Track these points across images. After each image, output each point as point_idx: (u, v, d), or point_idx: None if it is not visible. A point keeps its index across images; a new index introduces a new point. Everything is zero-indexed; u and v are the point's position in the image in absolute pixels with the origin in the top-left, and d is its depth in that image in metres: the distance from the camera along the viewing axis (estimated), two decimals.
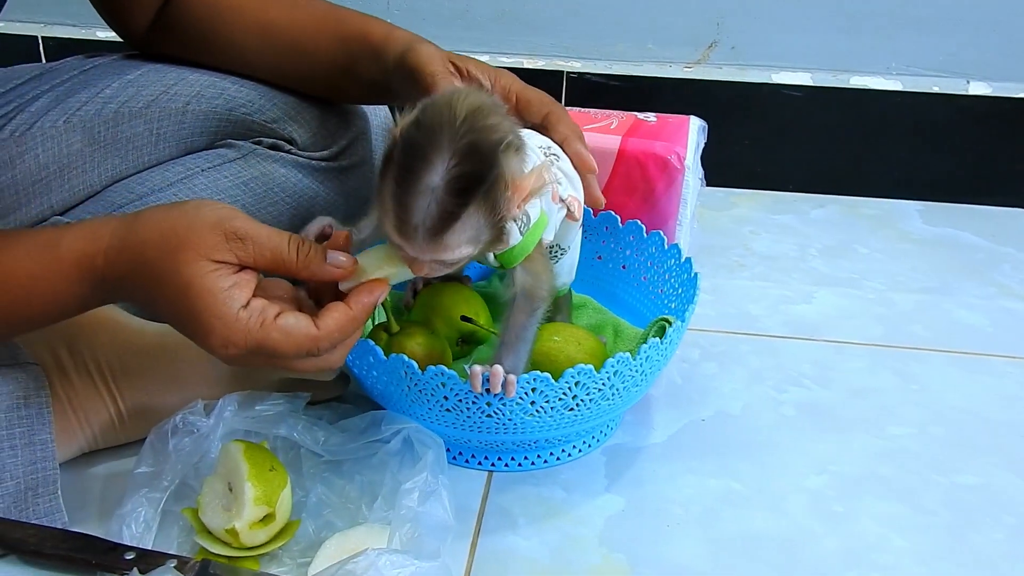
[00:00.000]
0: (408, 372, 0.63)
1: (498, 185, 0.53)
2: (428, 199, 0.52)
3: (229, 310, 0.54)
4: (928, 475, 0.71)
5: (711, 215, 1.11)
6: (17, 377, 0.63)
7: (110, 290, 0.57)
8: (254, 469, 0.61)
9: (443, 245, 0.53)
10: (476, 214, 0.53)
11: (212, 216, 0.55)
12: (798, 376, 0.82)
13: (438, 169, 0.52)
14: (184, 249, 0.54)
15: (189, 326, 0.55)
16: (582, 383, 0.62)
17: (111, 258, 0.56)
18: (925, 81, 1.12)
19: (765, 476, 0.70)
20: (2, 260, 0.57)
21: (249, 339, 0.54)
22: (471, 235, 0.54)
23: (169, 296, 0.55)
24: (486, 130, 0.53)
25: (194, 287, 0.54)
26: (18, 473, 0.62)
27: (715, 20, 1.13)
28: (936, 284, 0.98)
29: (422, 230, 0.53)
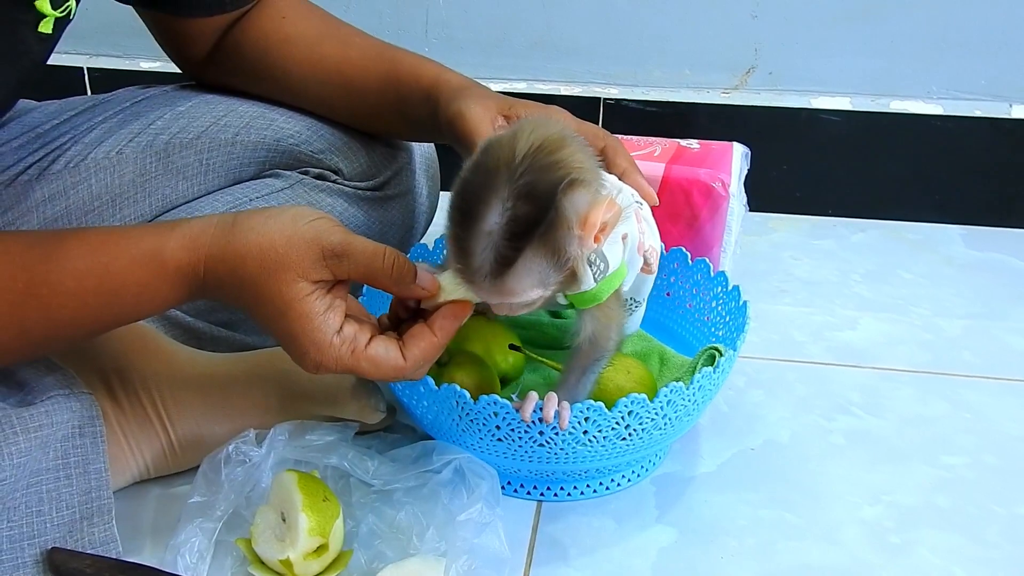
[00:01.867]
0: (460, 402, 0.63)
1: (558, 226, 0.52)
2: (485, 243, 0.51)
3: (324, 336, 0.56)
4: (987, 505, 0.69)
5: (750, 240, 1.11)
6: (72, 407, 0.64)
7: (210, 293, 0.59)
8: (308, 499, 0.61)
9: (507, 289, 0.53)
10: (536, 258, 0.52)
11: (310, 232, 0.56)
12: (846, 404, 0.81)
13: (495, 212, 0.51)
14: (282, 269, 0.56)
15: (284, 343, 0.58)
16: (635, 412, 0.62)
17: (211, 266, 0.58)
18: (966, 105, 1.11)
19: (819, 506, 0.69)
20: (114, 269, 0.59)
21: (340, 365, 0.57)
22: (536, 279, 0.53)
23: (268, 313, 0.57)
24: (546, 168, 0.52)
25: (292, 311, 0.56)
26: (73, 502, 0.63)
27: (753, 46, 1.13)
28: (982, 309, 0.97)
29: (483, 274, 0.53)
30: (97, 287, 0.58)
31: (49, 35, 0.65)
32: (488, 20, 1.16)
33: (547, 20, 1.15)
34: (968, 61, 1.10)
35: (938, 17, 1.08)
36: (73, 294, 0.58)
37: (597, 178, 0.56)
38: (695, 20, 1.12)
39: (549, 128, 0.54)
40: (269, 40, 0.81)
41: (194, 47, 0.83)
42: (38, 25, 0.63)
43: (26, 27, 0.63)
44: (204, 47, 0.83)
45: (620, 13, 1.13)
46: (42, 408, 0.63)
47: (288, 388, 0.73)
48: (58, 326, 0.59)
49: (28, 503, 0.62)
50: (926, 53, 1.10)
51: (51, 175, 0.77)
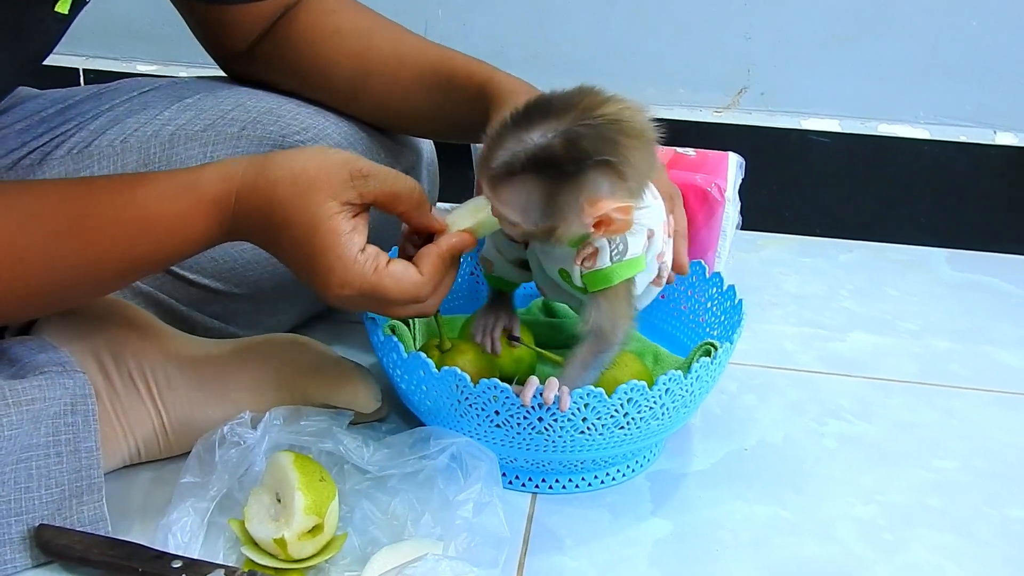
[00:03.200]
0: (460, 385, 0.62)
1: (567, 184, 0.54)
2: (512, 147, 0.54)
3: (349, 252, 0.58)
4: (979, 507, 0.70)
5: (740, 256, 1.12)
6: (65, 384, 0.63)
7: (235, 228, 0.60)
8: (304, 478, 0.61)
9: (497, 192, 0.56)
10: (532, 188, 0.55)
11: (339, 156, 0.60)
12: (838, 410, 0.82)
13: (539, 132, 0.54)
14: (314, 190, 0.58)
15: (309, 264, 0.59)
16: (634, 400, 0.62)
17: (242, 197, 0.59)
18: (952, 130, 1.14)
19: (812, 504, 0.70)
20: (150, 200, 0.59)
21: (364, 283, 0.58)
22: (522, 202, 0.56)
23: (296, 235, 0.58)
24: (603, 139, 0.54)
25: (321, 227, 0.57)
26: (63, 480, 0.62)
27: (746, 66, 1.15)
28: (969, 326, 0.98)
29: (493, 167, 0.56)
30: (133, 217, 0.59)
31: (65, 16, 0.65)
32: (485, 35, 1.18)
33: (543, 36, 1.17)
34: (955, 88, 1.13)
35: (927, 44, 1.11)
36: (109, 224, 0.59)
37: (638, 182, 0.57)
38: (689, 39, 1.15)
39: (638, 117, 0.56)
40: (317, 31, 0.82)
41: (234, 39, 0.83)
42: (56, 4, 0.64)
43: (46, 7, 0.63)
44: (245, 39, 0.83)
45: (615, 30, 1.16)
46: (35, 382, 0.62)
47: (283, 373, 0.72)
48: (90, 261, 0.59)
49: (17, 479, 0.61)
50: (914, 78, 1.13)
51: (53, 160, 0.77)
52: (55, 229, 0.58)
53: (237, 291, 0.80)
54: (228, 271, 0.79)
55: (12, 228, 0.57)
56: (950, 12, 1.09)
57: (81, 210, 0.59)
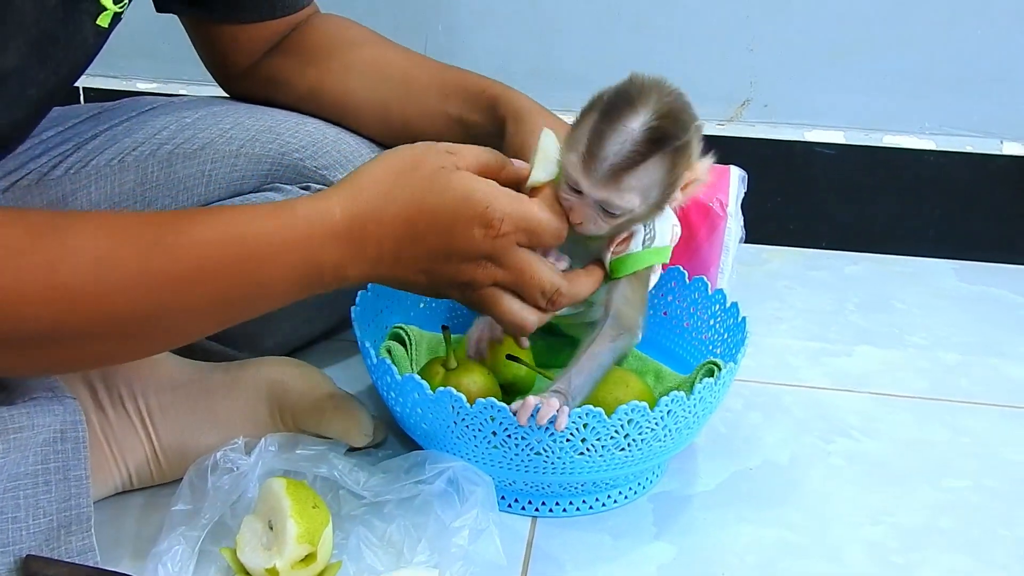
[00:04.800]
0: (456, 406, 0.61)
1: (684, 152, 0.58)
2: (623, 138, 0.56)
3: (490, 184, 0.58)
4: (992, 528, 0.68)
5: (744, 270, 1.10)
6: (54, 410, 0.62)
7: (348, 240, 0.57)
8: (297, 505, 0.59)
9: (619, 185, 0.57)
10: (657, 167, 0.57)
11: (420, 144, 0.60)
12: (844, 427, 0.80)
13: (640, 117, 0.56)
14: (420, 165, 0.57)
15: (457, 213, 0.57)
16: (635, 421, 0.61)
17: (346, 204, 0.57)
18: (958, 141, 1.12)
19: (820, 526, 0.68)
20: (248, 229, 0.55)
21: (514, 208, 0.57)
22: (645, 185, 0.57)
23: (429, 200, 0.57)
24: (684, 109, 0.59)
25: (453, 183, 0.57)
26: (51, 510, 0.60)
27: (748, 79, 1.14)
28: (978, 339, 0.96)
29: (607, 164, 0.56)
30: (233, 239, 0.55)
31: (105, 30, 0.65)
32: (487, 49, 1.17)
33: (546, 50, 1.16)
34: (960, 98, 1.11)
35: (931, 54, 1.10)
36: (203, 244, 0.54)
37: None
38: (692, 51, 1.14)
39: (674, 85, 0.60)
40: (333, 43, 0.82)
41: (241, 56, 0.82)
42: (97, 17, 0.64)
43: (88, 17, 0.63)
44: (252, 56, 0.82)
45: (618, 43, 1.15)
46: (23, 409, 0.60)
47: (275, 400, 0.71)
48: (184, 283, 0.54)
49: (4, 509, 0.59)
50: (919, 89, 1.12)
51: (50, 181, 0.76)
52: (146, 244, 0.54)
53: None
54: None
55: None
56: (954, 22, 1.08)
57: (170, 225, 0.55)
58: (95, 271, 0.52)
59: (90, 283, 0.52)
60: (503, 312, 0.60)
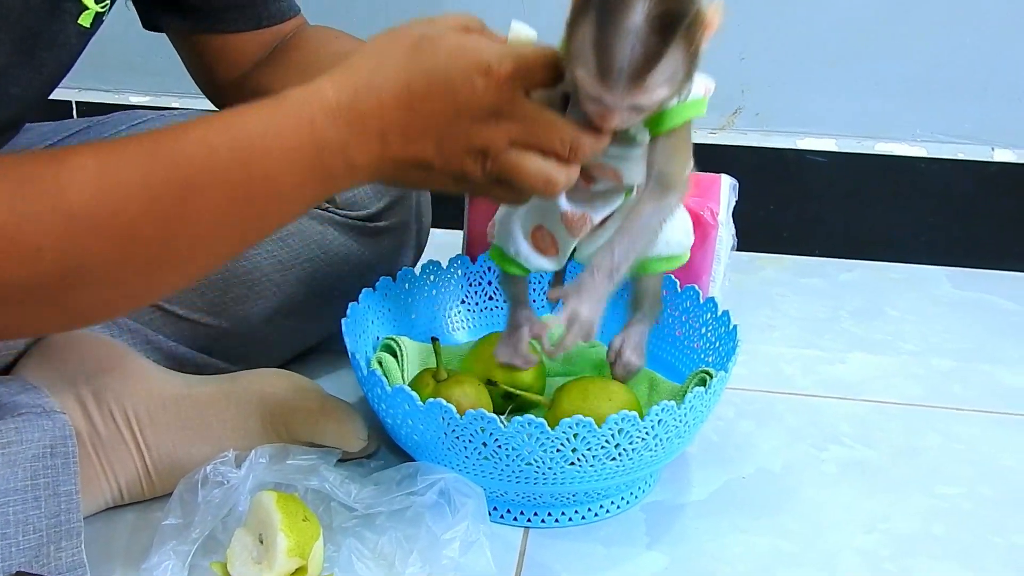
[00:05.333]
0: (446, 417, 0.61)
1: (695, 23, 0.51)
2: (630, 41, 0.50)
3: (479, 37, 0.56)
4: (985, 535, 0.68)
5: (738, 278, 1.10)
6: (44, 425, 0.62)
7: (346, 115, 0.54)
8: (287, 519, 0.59)
9: (644, 87, 0.51)
10: (677, 51, 0.51)
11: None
12: (837, 435, 0.80)
13: (638, 10, 0.50)
14: (404, 36, 0.55)
15: (453, 67, 0.54)
16: (625, 431, 0.61)
17: (337, 81, 0.54)
18: (950, 148, 1.13)
19: (813, 534, 0.68)
20: (243, 123, 0.53)
21: (508, 50, 0.54)
22: (670, 74, 0.52)
23: (422, 61, 0.54)
24: None
25: (441, 38, 0.54)
26: (41, 525, 0.60)
27: (740, 87, 1.15)
28: (971, 346, 0.96)
29: (624, 73, 0.51)
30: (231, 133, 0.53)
31: (87, 30, 0.65)
32: None
33: None
34: (951, 105, 1.12)
35: (922, 62, 1.10)
36: (198, 144, 0.52)
37: None
38: None
39: None
40: (322, 53, 0.80)
41: (229, 68, 0.82)
42: (79, 17, 0.63)
43: (69, 17, 0.63)
44: (240, 68, 0.82)
45: None
46: (12, 425, 0.60)
47: (267, 411, 0.71)
48: (188, 188, 0.51)
49: None
50: (910, 97, 1.12)
51: None
52: (148, 147, 0.52)
53: (226, 325, 0.79)
54: (216, 305, 0.78)
55: None
56: (945, 30, 1.08)
57: (171, 133, 0.52)
58: (100, 191, 0.50)
59: (97, 204, 0.50)
60: (528, 173, 0.56)
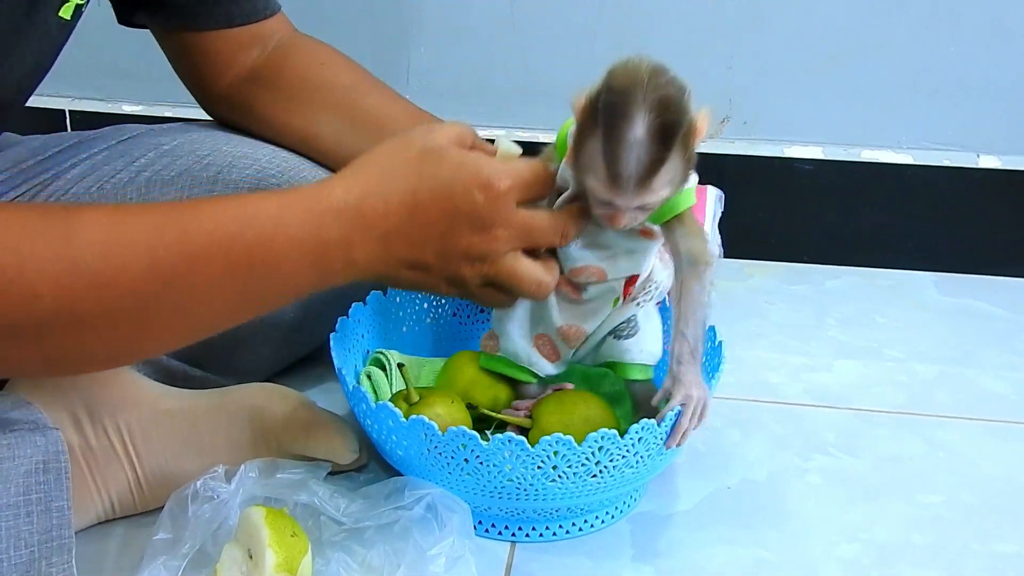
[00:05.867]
0: (428, 434, 0.62)
1: (692, 128, 0.58)
2: (636, 150, 0.56)
3: (478, 153, 0.61)
4: (966, 543, 0.69)
5: (727, 285, 1.12)
6: (36, 441, 0.62)
7: (351, 215, 0.57)
8: (275, 534, 0.60)
9: (650, 188, 0.58)
10: (676, 157, 0.58)
11: (408, 130, 0.63)
12: (822, 444, 0.81)
13: (639, 123, 0.56)
14: (411, 145, 0.60)
15: (455, 180, 0.59)
16: (606, 448, 0.61)
17: (346, 183, 0.58)
18: (936, 155, 1.14)
19: (796, 545, 0.69)
20: (253, 210, 0.57)
21: (506, 167, 0.60)
22: (671, 176, 0.58)
23: (428, 172, 0.59)
24: (668, 84, 0.58)
25: (445, 151, 0.60)
26: (32, 541, 0.61)
27: (727, 96, 1.15)
28: (957, 353, 0.97)
29: (632, 179, 0.57)
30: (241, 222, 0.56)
31: (67, 22, 0.66)
32: (469, 67, 1.18)
33: (527, 68, 1.17)
34: (937, 112, 1.13)
35: (907, 70, 1.11)
36: (209, 221, 0.55)
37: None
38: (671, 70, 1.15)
39: (645, 59, 0.60)
40: (307, 83, 0.82)
41: (213, 72, 0.83)
42: (60, 9, 0.64)
43: (50, 9, 0.64)
44: (223, 73, 0.83)
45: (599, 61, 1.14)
46: (4, 441, 0.61)
47: (259, 425, 0.72)
48: (193, 261, 0.54)
49: None
50: (896, 104, 1.13)
51: None
52: (157, 219, 0.55)
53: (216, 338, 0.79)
54: None
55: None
56: (928, 38, 1.09)
57: (179, 211, 0.56)
58: (106, 246, 0.52)
59: (102, 259, 0.52)
60: (521, 276, 0.62)
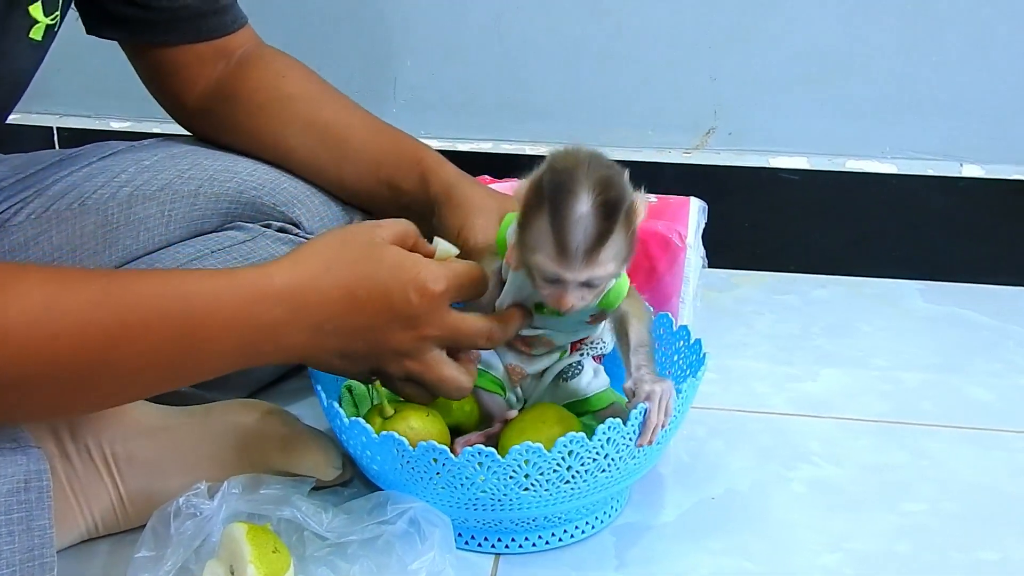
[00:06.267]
0: (400, 450, 0.62)
1: (633, 207, 0.61)
2: (582, 225, 0.59)
3: (417, 255, 0.62)
4: (947, 552, 0.69)
5: (713, 296, 1.12)
6: (18, 460, 0.62)
7: (286, 303, 0.59)
8: (257, 551, 0.60)
9: (597, 262, 0.60)
10: (620, 232, 0.60)
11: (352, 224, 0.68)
12: (807, 453, 0.81)
13: (585, 200, 0.59)
14: (353, 240, 0.62)
15: (393, 280, 0.60)
16: (576, 452, 0.62)
17: (285, 271, 0.60)
18: (920, 164, 1.14)
19: (779, 554, 0.69)
20: (191, 288, 0.58)
21: (443, 271, 0.61)
22: (616, 251, 0.61)
23: (366, 270, 0.60)
24: (609, 166, 0.62)
25: (386, 249, 0.61)
26: (14, 560, 0.61)
27: (713, 107, 1.16)
28: (941, 361, 0.98)
29: (580, 252, 0.60)
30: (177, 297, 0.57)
31: (39, 43, 0.67)
32: (455, 82, 1.19)
33: (514, 82, 1.18)
34: (920, 122, 1.13)
35: (891, 80, 1.12)
36: (147, 297, 0.56)
37: None
38: (656, 83, 1.16)
39: (583, 147, 0.63)
40: (268, 96, 0.83)
41: (182, 87, 0.84)
42: (30, 31, 0.65)
43: (21, 32, 0.65)
44: (191, 89, 0.84)
45: (584, 75, 1.17)
46: None
47: (242, 442, 0.72)
48: (127, 334, 0.55)
49: None
50: (880, 115, 1.14)
51: (13, 227, 0.78)
52: (97, 290, 0.56)
53: None
54: None
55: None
56: (911, 50, 1.10)
57: (120, 281, 0.58)
58: (42, 315, 0.54)
59: (36, 327, 0.53)
60: (444, 379, 0.63)
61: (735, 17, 1.12)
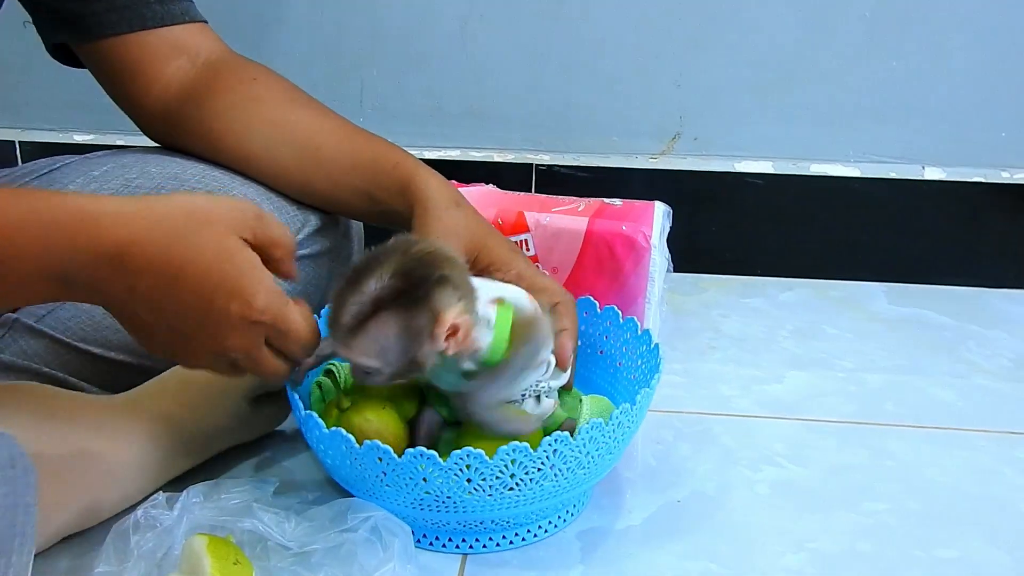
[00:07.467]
0: (347, 447, 0.62)
1: (420, 309, 0.58)
2: (356, 302, 0.58)
3: (266, 276, 0.58)
4: (908, 550, 0.70)
5: (681, 300, 1.13)
6: None
7: (108, 261, 0.55)
8: (217, 563, 0.59)
9: (351, 346, 0.59)
10: (386, 326, 0.58)
11: (228, 199, 0.61)
12: (772, 455, 0.82)
13: (373, 280, 0.58)
14: (213, 222, 0.57)
15: (221, 290, 0.56)
16: (519, 461, 0.62)
17: (120, 220, 0.55)
18: (882, 168, 1.16)
19: (743, 556, 0.69)
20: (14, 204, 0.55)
21: (273, 307, 0.58)
22: (379, 347, 0.58)
23: (207, 259, 0.56)
24: (429, 266, 0.59)
25: (237, 257, 0.57)
26: None
27: (677, 113, 1.17)
28: (905, 362, 0.99)
29: (341, 326, 0.58)
30: None
31: None
32: (421, 90, 1.19)
33: (479, 90, 1.18)
34: (882, 127, 1.15)
35: (853, 85, 1.13)
36: None
37: (469, 298, 0.61)
38: (621, 89, 1.16)
39: (447, 248, 0.63)
40: (236, 97, 0.81)
41: (141, 92, 0.82)
42: None
43: None
44: (152, 92, 0.82)
45: (550, 83, 1.17)
46: None
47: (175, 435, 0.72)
48: None
49: None
50: (843, 119, 1.15)
51: None
52: None
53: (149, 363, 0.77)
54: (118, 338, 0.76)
55: None
56: (872, 55, 1.12)
57: None
58: None
59: None
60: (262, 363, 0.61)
61: (699, 24, 1.13)
